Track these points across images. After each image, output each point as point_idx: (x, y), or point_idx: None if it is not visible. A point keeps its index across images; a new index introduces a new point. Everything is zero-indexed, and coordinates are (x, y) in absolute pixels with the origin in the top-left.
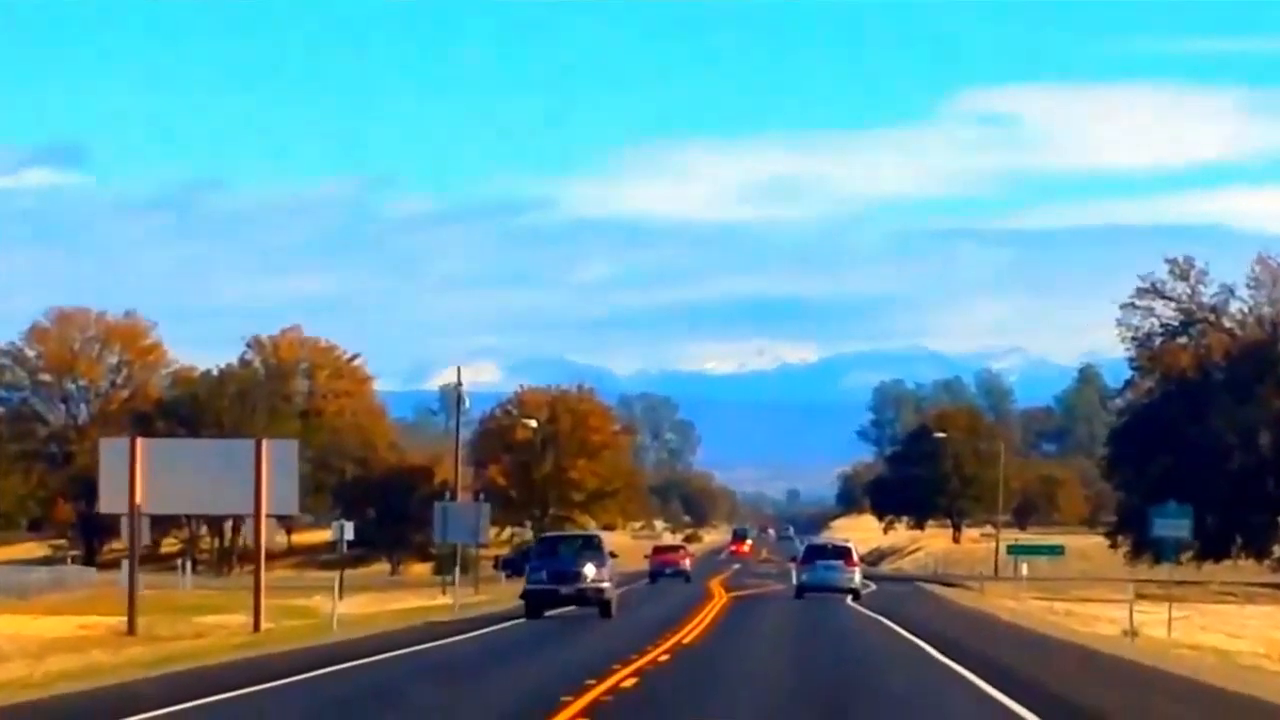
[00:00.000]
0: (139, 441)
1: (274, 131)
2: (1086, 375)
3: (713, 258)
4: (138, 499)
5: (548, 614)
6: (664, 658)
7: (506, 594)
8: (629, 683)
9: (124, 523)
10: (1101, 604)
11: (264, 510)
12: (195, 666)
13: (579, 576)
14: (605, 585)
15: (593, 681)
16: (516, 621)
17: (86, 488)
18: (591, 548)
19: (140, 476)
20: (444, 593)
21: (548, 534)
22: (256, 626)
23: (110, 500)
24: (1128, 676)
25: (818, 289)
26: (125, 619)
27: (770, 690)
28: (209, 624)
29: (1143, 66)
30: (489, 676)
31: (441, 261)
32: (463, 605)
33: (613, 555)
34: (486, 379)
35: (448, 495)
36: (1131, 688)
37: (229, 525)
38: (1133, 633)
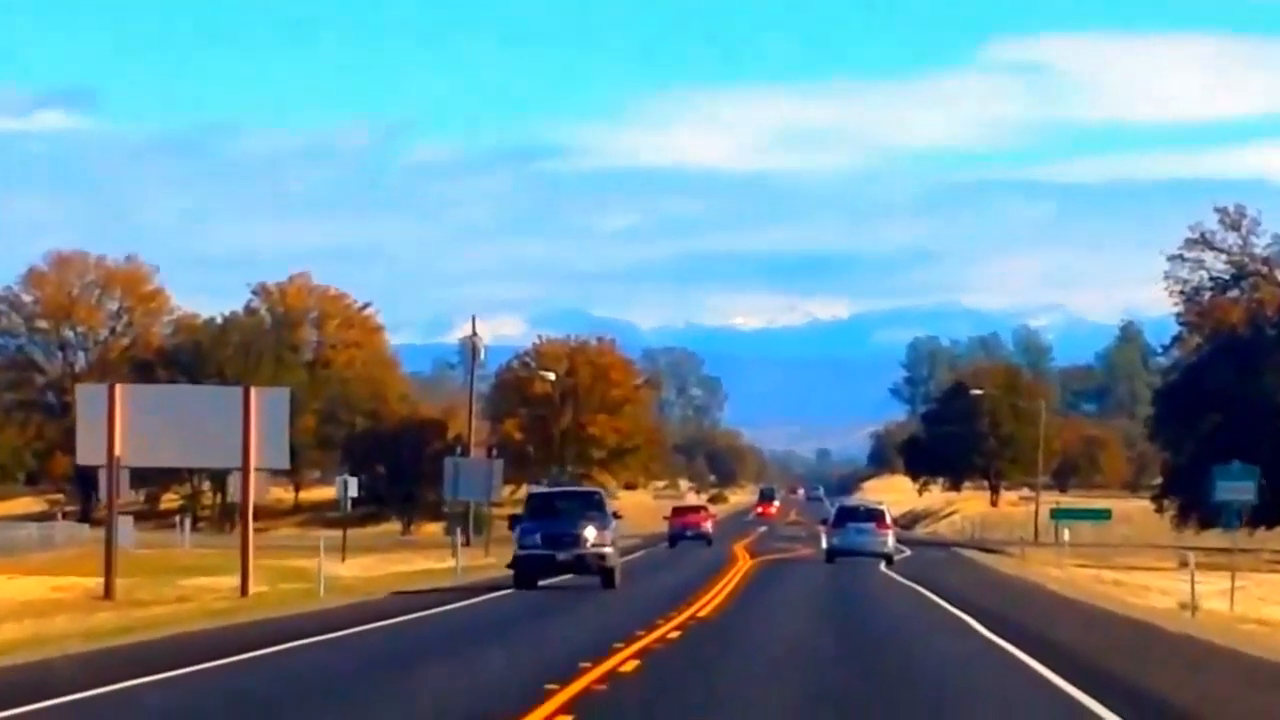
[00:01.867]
0: (118, 388)
1: (288, 76)
2: (1128, 332)
3: (740, 209)
4: (117, 450)
5: (545, 583)
6: (674, 634)
7: None
8: (629, 666)
9: (102, 476)
10: (1149, 572)
11: (252, 464)
12: (149, 638)
13: (578, 540)
14: (608, 550)
15: (587, 664)
16: (513, 590)
17: None
18: (592, 506)
19: (120, 426)
20: (453, 555)
21: (540, 489)
22: (244, 590)
23: (88, 451)
24: (1205, 660)
25: (849, 243)
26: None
27: (793, 677)
28: (196, 587)
29: (1185, 17)
30: (462, 660)
31: (462, 210)
32: (467, 569)
33: (617, 516)
34: (508, 332)
35: (459, 450)
36: (1216, 675)
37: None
38: (1193, 606)
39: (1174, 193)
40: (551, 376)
